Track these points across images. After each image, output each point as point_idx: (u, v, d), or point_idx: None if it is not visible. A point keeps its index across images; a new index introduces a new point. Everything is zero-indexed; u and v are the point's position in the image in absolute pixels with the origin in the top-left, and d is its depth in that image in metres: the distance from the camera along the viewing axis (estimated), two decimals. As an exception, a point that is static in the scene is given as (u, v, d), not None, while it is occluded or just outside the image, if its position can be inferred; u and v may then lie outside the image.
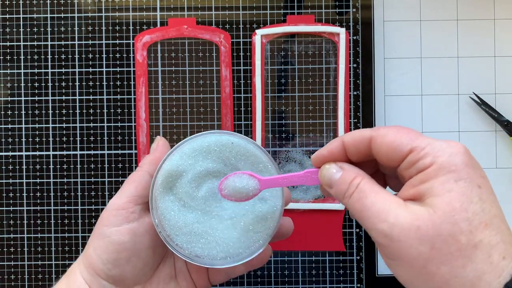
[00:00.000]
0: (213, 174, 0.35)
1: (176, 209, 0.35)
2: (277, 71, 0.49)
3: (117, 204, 0.35)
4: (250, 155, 0.35)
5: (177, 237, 0.35)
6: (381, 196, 0.27)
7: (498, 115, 0.48)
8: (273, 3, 0.49)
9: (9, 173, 0.49)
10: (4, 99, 0.49)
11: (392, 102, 0.49)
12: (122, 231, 0.34)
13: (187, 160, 0.35)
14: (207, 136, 0.36)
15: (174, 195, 0.35)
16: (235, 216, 0.35)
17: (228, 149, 0.35)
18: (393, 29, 0.49)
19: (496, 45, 0.49)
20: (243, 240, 0.35)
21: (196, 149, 0.35)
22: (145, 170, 0.36)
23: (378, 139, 0.29)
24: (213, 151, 0.35)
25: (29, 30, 0.49)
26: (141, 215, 0.35)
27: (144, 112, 0.49)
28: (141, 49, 0.49)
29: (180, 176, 0.35)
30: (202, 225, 0.35)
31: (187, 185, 0.35)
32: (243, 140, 0.36)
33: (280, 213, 0.36)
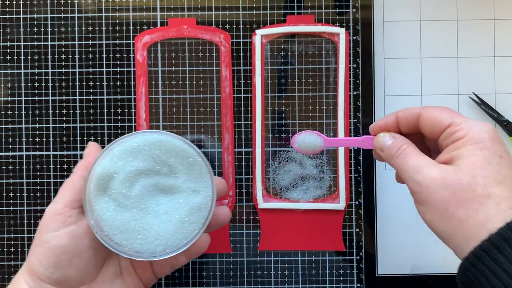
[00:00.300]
0: (144, 173, 0.37)
1: (111, 209, 0.37)
2: (277, 71, 0.49)
3: (53, 210, 0.37)
4: (179, 151, 0.38)
5: (115, 236, 0.36)
6: (420, 156, 0.34)
7: (498, 115, 0.49)
8: (273, 3, 0.49)
9: (9, 173, 0.49)
10: (4, 99, 0.49)
11: (392, 102, 0.49)
12: (60, 235, 0.36)
13: (117, 161, 0.37)
14: (136, 136, 0.38)
15: (108, 196, 0.37)
16: (170, 210, 0.37)
17: (157, 147, 0.37)
18: (393, 29, 0.49)
19: (496, 45, 0.49)
20: (180, 231, 0.37)
21: (125, 150, 0.37)
22: (78, 175, 0.38)
23: (425, 114, 0.35)
24: (142, 150, 0.37)
25: (29, 30, 0.49)
26: (79, 218, 0.37)
27: (144, 112, 0.49)
28: (141, 49, 0.49)
29: (112, 178, 0.37)
30: (139, 221, 0.37)
31: (120, 186, 0.37)
32: (171, 137, 0.38)
33: (212, 202, 0.38)
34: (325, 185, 0.49)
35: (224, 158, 0.49)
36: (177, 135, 0.38)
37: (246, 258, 0.49)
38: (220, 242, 0.49)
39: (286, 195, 0.49)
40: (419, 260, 0.49)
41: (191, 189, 0.38)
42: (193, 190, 0.38)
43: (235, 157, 0.49)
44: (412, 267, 0.49)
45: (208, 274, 0.49)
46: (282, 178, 0.49)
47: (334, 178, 0.49)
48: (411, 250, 0.49)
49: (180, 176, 0.38)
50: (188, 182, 0.38)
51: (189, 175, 0.38)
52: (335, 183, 0.49)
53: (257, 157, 0.48)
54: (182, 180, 0.38)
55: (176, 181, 0.38)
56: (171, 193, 0.38)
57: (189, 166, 0.38)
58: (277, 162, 0.49)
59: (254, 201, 0.49)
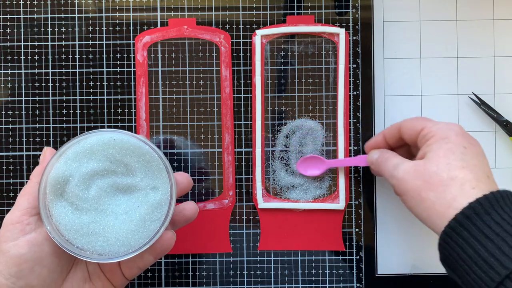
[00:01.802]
0: (100, 173, 0.37)
1: (69, 214, 0.36)
2: (277, 71, 0.49)
3: (11, 219, 0.36)
4: (134, 149, 0.37)
5: (76, 240, 0.36)
6: (398, 158, 0.41)
7: (498, 115, 0.49)
8: (273, 4, 0.49)
9: (9, 173, 0.49)
10: (4, 99, 0.49)
11: (392, 102, 0.49)
12: (19, 244, 0.35)
13: (71, 164, 0.36)
14: (88, 137, 0.37)
15: (65, 200, 0.36)
16: (129, 210, 0.37)
17: (111, 146, 0.37)
18: (392, 30, 0.49)
19: (495, 45, 0.49)
20: (142, 230, 0.36)
21: (79, 152, 0.36)
22: (34, 181, 0.37)
23: (403, 125, 0.42)
24: (96, 150, 0.37)
25: (30, 30, 0.49)
26: (38, 225, 0.37)
27: (144, 112, 0.49)
28: (141, 49, 0.49)
29: (67, 181, 0.36)
30: (99, 224, 0.36)
31: (76, 188, 0.36)
32: (125, 135, 0.37)
33: (172, 198, 0.37)
34: (325, 185, 0.49)
35: (224, 158, 0.49)
36: (132, 133, 0.37)
37: (246, 258, 0.49)
38: (220, 242, 0.49)
39: (286, 195, 0.49)
40: (419, 260, 0.49)
41: (150, 187, 0.37)
42: (151, 187, 0.37)
43: (235, 157, 0.49)
44: (412, 266, 0.49)
45: (208, 274, 0.49)
46: (282, 178, 0.49)
47: (334, 178, 0.49)
48: (411, 250, 0.49)
49: (137, 174, 0.37)
50: (146, 179, 0.37)
51: (147, 172, 0.37)
52: (335, 183, 0.49)
53: (257, 157, 0.48)
54: (139, 178, 0.37)
55: (133, 179, 0.37)
56: (129, 192, 0.37)
57: (146, 163, 0.37)
58: (277, 162, 0.49)
59: (254, 201, 0.49)
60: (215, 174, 0.49)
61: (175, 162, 0.49)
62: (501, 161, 0.49)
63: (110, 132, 0.37)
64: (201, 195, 0.49)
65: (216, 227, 0.49)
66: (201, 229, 0.49)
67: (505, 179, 0.49)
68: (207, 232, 0.49)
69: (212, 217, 0.49)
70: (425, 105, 0.49)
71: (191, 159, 0.49)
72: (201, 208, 0.49)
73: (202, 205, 0.49)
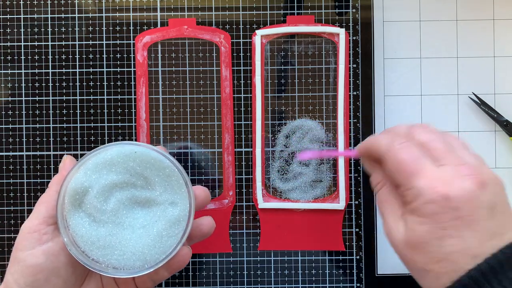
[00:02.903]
0: (119, 186, 0.36)
1: (87, 225, 0.36)
2: (277, 71, 0.49)
3: (29, 228, 0.36)
4: (155, 162, 0.36)
5: (92, 252, 0.35)
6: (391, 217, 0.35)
7: (498, 115, 0.49)
8: (273, 3, 0.49)
9: (9, 173, 0.49)
10: (4, 99, 0.49)
11: (392, 102, 0.50)
12: (36, 254, 0.35)
13: (91, 175, 0.36)
14: (109, 148, 0.36)
15: (83, 211, 0.36)
16: (147, 224, 0.36)
17: (131, 159, 0.36)
18: (392, 30, 0.49)
19: (495, 45, 0.49)
20: (158, 246, 0.36)
21: (99, 163, 0.36)
22: (54, 190, 0.37)
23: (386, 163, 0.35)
24: (116, 162, 0.36)
25: (30, 30, 0.49)
26: (54, 235, 0.36)
27: (144, 112, 0.49)
28: (141, 49, 0.49)
29: (87, 192, 0.36)
30: (115, 237, 0.36)
31: (95, 200, 0.35)
32: (146, 148, 0.37)
33: (190, 214, 0.37)
34: (325, 185, 0.49)
35: (224, 158, 0.49)
36: (153, 146, 0.37)
37: (246, 258, 0.49)
38: (220, 242, 0.49)
39: (286, 195, 0.49)
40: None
41: (169, 201, 0.37)
42: (170, 202, 0.37)
43: (235, 157, 0.49)
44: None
45: (208, 274, 0.49)
46: (282, 178, 0.49)
47: (334, 178, 0.49)
48: (411, 250, 0.49)
49: (157, 188, 0.37)
50: (165, 194, 0.37)
51: (166, 187, 0.37)
52: (335, 183, 0.49)
53: (257, 157, 0.48)
54: (158, 192, 0.37)
55: (152, 193, 0.37)
56: (147, 206, 0.37)
57: (166, 177, 0.37)
58: (277, 162, 0.49)
59: (254, 201, 0.49)
60: (215, 174, 0.49)
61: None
62: (501, 161, 0.49)
63: (132, 144, 0.37)
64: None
65: (216, 227, 0.49)
66: (201, 229, 0.49)
67: (505, 179, 0.49)
68: (207, 232, 0.49)
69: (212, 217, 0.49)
70: (425, 105, 0.49)
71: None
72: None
73: (202, 205, 0.49)
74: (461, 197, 0.31)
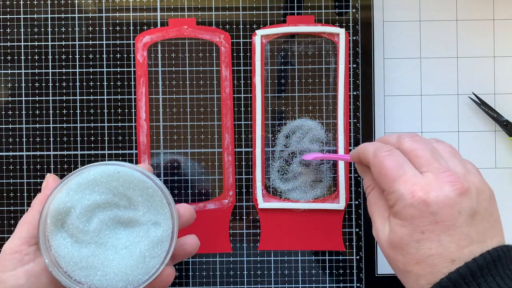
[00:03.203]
0: (102, 206, 0.36)
1: (69, 245, 0.35)
2: (277, 71, 0.49)
3: (10, 248, 0.35)
4: (138, 182, 0.36)
5: (74, 273, 0.35)
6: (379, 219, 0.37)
7: (498, 115, 0.49)
8: (273, 3, 0.49)
9: (9, 173, 0.49)
10: (4, 99, 0.49)
11: (392, 102, 0.50)
12: (17, 275, 0.35)
13: (74, 195, 0.36)
14: (93, 168, 0.36)
15: (65, 232, 0.36)
16: (130, 245, 0.36)
17: (114, 178, 0.36)
18: (392, 30, 0.49)
19: (495, 46, 0.49)
20: (141, 266, 0.36)
21: (82, 183, 0.36)
22: (36, 210, 0.37)
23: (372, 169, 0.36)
24: (99, 182, 0.36)
25: (30, 30, 0.49)
26: (36, 255, 0.36)
27: (144, 112, 0.49)
28: (141, 49, 0.49)
29: (69, 212, 0.35)
30: (98, 257, 0.35)
31: (77, 220, 0.35)
32: (129, 168, 0.36)
33: (173, 234, 0.36)
34: (325, 185, 0.49)
35: (224, 158, 0.49)
36: (136, 166, 0.37)
37: (246, 258, 0.49)
38: (220, 242, 0.49)
39: (286, 195, 0.49)
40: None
41: (152, 222, 0.36)
42: (153, 223, 0.36)
43: (235, 157, 0.49)
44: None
45: (208, 274, 0.49)
46: (282, 178, 0.49)
47: (334, 178, 0.49)
48: (411, 250, 0.49)
49: (140, 208, 0.36)
50: (148, 214, 0.36)
51: (149, 207, 0.36)
52: (335, 183, 0.49)
53: (257, 157, 0.48)
54: (141, 212, 0.36)
55: (135, 213, 0.36)
56: (130, 226, 0.36)
57: (149, 197, 0.36)
58: (277, 162, 0.49)
59: (254, 201, 0.49)
60: (215, 174, 0.49)
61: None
62: (501, 161, 0.49)
63: (115, 164, 0.37)
64: (201, 195, 0.49)
65: (216, 227, 0.49)
66: (201, 229, 0.49)
67: (505, 179, 0.49)
68: (207, 232, 0.49)
69: (212, 217, 0.49)
70: (425, 105, 0.49)
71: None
72: (201, 208, 0.49)
73: (202, 205, 0.49)
74: (439, 202, 0.32)
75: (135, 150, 0.49)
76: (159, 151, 0.49)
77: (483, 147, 0.49)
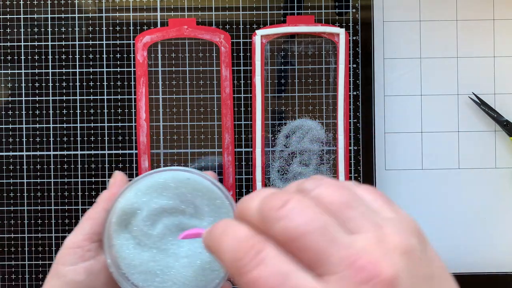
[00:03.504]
0: (168, 211, 0.35)
1: (131, 247, 0.35)
2: (277, 71, 0.49)
3: (72, 242, 0.35)
4: (207, 191, 0.35)
5: (132, 276, 0.35)
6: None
7: (498, 115, 0.49)
8: (273, 3, 0.49)
9: (9, 173, 0.49)
10: (4, 99, 0.49)
11: (392, 102, 0.50)
12: (77, 270, 0.34)
13: (141, 197, 0.35)
14: (163, 173, 0.36)
15: (129, 233, 0.35)
16: (191, 254, 0.35)
17: (184, 185, 0.35)
18: (392, 30, 0.49)
19: (495, 46, 0.49)
20: (200, 278, 0.35)
21: (151, 185, 0.35)
22: (101, 207, 0.36)
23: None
24: (168, 187, 0.35)
25: (30, 30, 0.49)
26: (97, 252, 0.35)
27: (144, 112, 0.49)
28: (141, 49, 0.49)
29: (135, 214, 0.35)
30: (158, 263, 0.35)
31: (142, 223, 0.35)
32: (199, 176, 0.36)
33: None
34: (325, 185, 0.49)
35: (224, 158, 0.49)
36: (206, 175, 0.36)
37: (246, 258, 0.49)
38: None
39: (286, 195, 0.49)
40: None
41: None
42: None
43: (235, 157, 0.49)
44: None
45: (208, 274, 0.49)
46: (282, 178, 0.49)
47: (334, 178, 0.49)
48: (411, 250, 0.49)
49: (205, 218, 0.35)
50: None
51: (215, 218, 0.35)
52: (335, 183, 0.49)
53: (257, 157, 0.48)
54: (207, 222, 0.35)
55: (200, 223, 0.35)
56: None
57: (216, 208, 0.35)
58: (277, 162, 0.49)
59: (254, 201, 0.49)
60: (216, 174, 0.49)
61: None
62: (501, 161, 0.49)
63: (186, 170, 0.36)
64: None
65: (216, 227, 0.49)
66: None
67: (505, 179, 0.49)
68: (207, 232, 0.49)
69: (212, 217, 0.49)
70: (425, 105, 0.49)
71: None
72: (201, 208, 0.49)
73: (202, 205, 0.49)
74: None
75: (135, 150, 0.49)
76: (159, 151, 0.49)
77: (483, 147, 0.49)
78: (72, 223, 0.49)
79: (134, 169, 0.49)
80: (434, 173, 0.49)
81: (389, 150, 0.49)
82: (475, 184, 0.49)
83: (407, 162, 0.49)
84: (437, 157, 0.49)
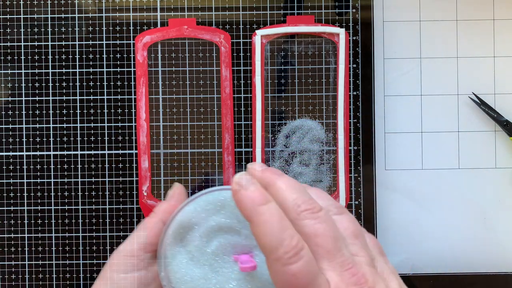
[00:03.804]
0: (225, 230, 0.35)
1: (184, 262, 0.34)
2: (277, 71, 0.49)
3: (127, 251, 0.35)
4: None
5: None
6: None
7: (498, 115, 0.49)
8: (273, 3, 0.49)
9: (9, 173, 0.49)
10: (4, 99, 0.49)
11: (392, 102, 0.50)
12: (129, 279, 0.34)
13: (200, 212, 0.35)
14: (223, 191, 0.35)
15: (183, 247, 0.35)
16: (242, 279, 0.34)
17: None
18: (392, 30, 0.49)
19: (495, 46, 0.49)
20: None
21: (210, 202, 0.35)
22: (158, 218, 0.36)
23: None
24: (228, 205, 0.35)
25: (30, 30, 0.49)
26: (150, 263, 0.35)
27: (144, 112, 0.49)
28: (141, 49, 0.49)
29: (192, 229, 0.34)
30: (208, 281, 0.34)
31: (198, 239, 0.34)
32: None
33: None
34: (325, 185, 0.49)
35: (224, 158, 0.49)
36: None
37: (246, 258, 0.49)
38: (220, 242, 0.49)
39: (286, 195, 0.49)
40: (418, 260, 0.49)
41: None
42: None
43: (235, 157, 0.49)
44: (412, 266, 0.49)
45: (208, 274, 0.49)
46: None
47: (334, 178, 0.49)
48: (410, 250, 0.49)
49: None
50: None
51: None
52: (335, 183, 0.49)
53: (257, 157, 0.48)
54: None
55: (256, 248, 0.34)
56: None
57: None
58: (277, 162, 0.49)
59: (254, 201, 0.49)
60: (215, 174, 0.49)
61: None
62: (501, 161, 0.49)
63: None
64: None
65: (216, 227, 0.49)
66: (201, 229, 0.48)
67: (505, 179, 0.49)
68: (207, 232, 0.49)
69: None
70: (424, 105, 0.49)
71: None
72: (201, 208, 0.49)
73: (202, 205, 0.49)
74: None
75: (135, 150, 0.49)
76: (159, 151, 0.49)
77: (483, 147, 0.49)
78: (72, 223, 0.49)
79: (134, 169, 0.49)
80: (434, 173, 0.49)
81: (389, 150, 0.49)
82: (475, 184, 0.49)
83: (407, 162, 0.49)
84: (437, 157, 0.49)
